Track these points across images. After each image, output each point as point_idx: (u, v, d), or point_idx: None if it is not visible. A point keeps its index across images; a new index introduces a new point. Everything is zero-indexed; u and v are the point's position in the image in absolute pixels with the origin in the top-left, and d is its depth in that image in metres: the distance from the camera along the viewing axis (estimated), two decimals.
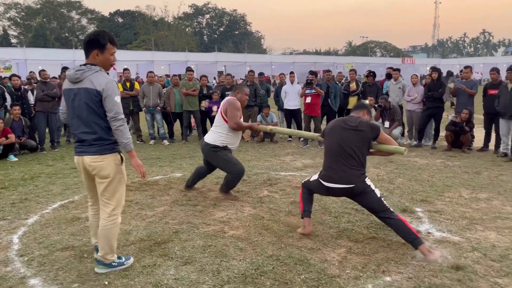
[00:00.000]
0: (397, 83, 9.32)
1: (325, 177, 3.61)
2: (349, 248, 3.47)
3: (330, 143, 3.65)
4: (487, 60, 52.00)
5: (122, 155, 3.02)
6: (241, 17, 74.67)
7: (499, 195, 4.97)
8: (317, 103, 8.71)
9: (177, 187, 5.48)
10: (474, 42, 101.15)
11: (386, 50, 75.31)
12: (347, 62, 45.95)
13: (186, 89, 9.12)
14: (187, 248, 3.49)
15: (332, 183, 3.55)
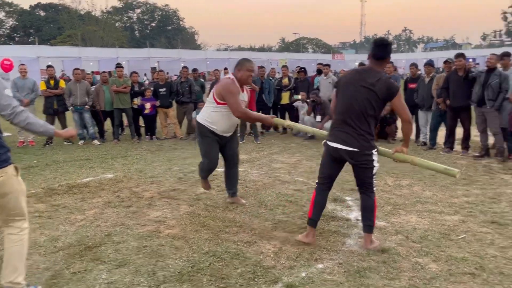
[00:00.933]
0: (327, 78, 9.68)
1: (332, 137, 3.34)
2: (284, 239, 3.57)
3: (343, 99, 3.30)
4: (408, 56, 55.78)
5: (16, 165, 2.67)
6: (174, 12, 73.21)
7: (419, 181, 5.38)
8: (252, 98, 8.80)
9: (109, 188, 5.27)
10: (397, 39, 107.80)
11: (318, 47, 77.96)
12: (281, 58, 46.95)
13: (117, 86, 8.78)
14: (120, 251, 3.39)
15: (338, 144, 3.26)
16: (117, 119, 8.99)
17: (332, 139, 3.33)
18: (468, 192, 4.86)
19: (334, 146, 3.30)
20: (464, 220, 3.96)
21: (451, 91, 6.92)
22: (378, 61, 3.30)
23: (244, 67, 4.10)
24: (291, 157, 7.07)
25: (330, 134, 3.39)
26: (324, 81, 9.68)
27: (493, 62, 6.54)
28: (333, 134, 3.34)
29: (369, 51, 3.37)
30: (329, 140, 3.36)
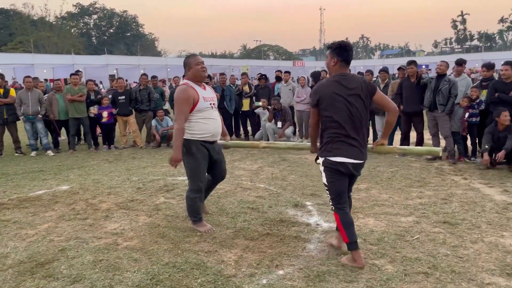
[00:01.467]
0: (288, 85, 9.82)
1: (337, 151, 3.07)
2: (245, 247, 3.56)
3: (337, 111, 3.06)
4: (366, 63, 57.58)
5: None
6: (133, 19, 71.95)
7: (376, 185, 5.53)
8: None
9: (63, 201, 5.07)
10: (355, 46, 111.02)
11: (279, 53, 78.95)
12: (243, 65, 47.16)
13: (72, 95, 8.49)
14: (75, 266, 3.25)
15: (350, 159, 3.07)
16: (72, 129, 8.68)
17: (339, 153, 3.07)
18: (421, 194, 5.05)
19: (345, 161, 3.07)
20: (418, 221, 4.11)
21: (404, 96, 7.20)
22: (348, 65, 3.19)
23: (192, 63, 3.76)
24: (253, 164, 7.09)
25: (332, 150, 3.09)
26: (284, 88, 9.81)
27: (443, 69, 6.87)
28: (338, 148, 3.07)
29: (334, 56, 3.15)
30: (336, 155, 3.08)
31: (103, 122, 8.93)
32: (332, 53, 3.17)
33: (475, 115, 6.76)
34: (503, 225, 3.97)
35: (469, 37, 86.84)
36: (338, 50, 3.15)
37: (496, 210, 4.40)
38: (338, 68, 3.17)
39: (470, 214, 4.27)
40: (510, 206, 4.50)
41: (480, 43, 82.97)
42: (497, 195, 4.94)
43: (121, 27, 70.09)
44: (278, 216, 4.32)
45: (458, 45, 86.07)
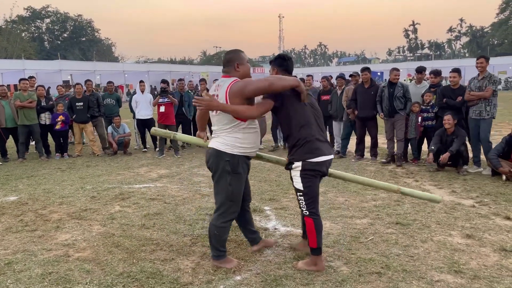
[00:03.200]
0: None
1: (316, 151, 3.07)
2: (203, 254, 3.52)
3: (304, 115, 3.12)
4: (324, 70, 58.82)
5: None
6: (88, 23, 69.82)
7: (333, 188, 5.65)
8: (171, 112, 8.66)
9: (11, 212, 4.81)
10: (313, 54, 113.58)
11: None
12: (202, 71, 46.92)
13: (21, 101, 8.10)
14: (22, 280, 3.09)
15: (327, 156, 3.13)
16: (22, 137, 8.27)
17: (320, 153, 3.08)
18: (376, 197, 5.21)
19: (327, 159, 3.13)
20: (372, 223, 4.23)
21: (358, 102, 7.43)
22: (290, 73, 3.29)
23: (244, 60, 3.20)
24: None
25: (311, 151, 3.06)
26: None
27: (397, 78, 7.16)
28: (317, 148, 3.08)
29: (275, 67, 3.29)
30: (317, 155, 3.06)
31: (57, 129, 8.58)
32: (273, 65, 3.33)
33: (430, 119, 7.07)
34: (451, 224, 4.16)
35: (420, 45, 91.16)
36: (277, 61, 3.31)
37: (445, 210, 4.61)
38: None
39: (420, 215, 4.45)
40: (457, 206, 4.73)
41: (430, 52, 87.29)
42: (445, 196, 5.18)
43: (75, 32, 67.84)
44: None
45: (410, 53, 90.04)
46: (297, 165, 3.10)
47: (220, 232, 3.22)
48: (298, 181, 3.12)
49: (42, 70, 34.75)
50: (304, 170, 3.08)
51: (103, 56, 59.46)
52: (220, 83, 3.15)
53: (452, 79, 6.75)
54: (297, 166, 3.10)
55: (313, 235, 3.11)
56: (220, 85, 3.13)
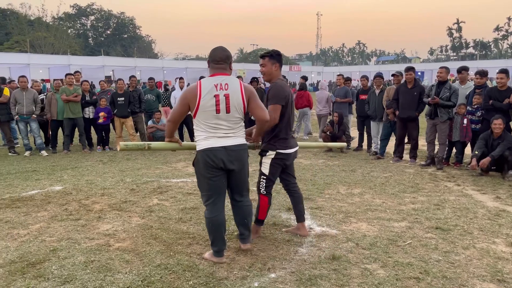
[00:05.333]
0: None
1: (288, 144, 3.64)
2: (238, 250, 3.55)
3: (288, 112, 3.65)
4: (362, 69, 57.81)
5: None
6: (130, 20, 71.89)
7: (370, 190, 5.55)
8: None
9: (56, 201, 5.04)
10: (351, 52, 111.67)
11: None
12: (239, 69, 47.18)
13: (67, 95, 8.46)
14: (66, 266, 3.23)
15: (293, 148, 3.70)
16: (67, 129, 8.64)
17: (288, 146, 3.65)
18: (415, 199, 5.07)
19: (294, 151, 3.71)
20: (411, 227, 4.12)
21: (400, 102, 7.23)
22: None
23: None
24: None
25: (281, 143, 3.62)
26: None
27: (443, 76, 6.86)
28: (288, 142, 3.65)
29: (275, 62, 3.67)
30: (286, 147, 3.63)
31: (99, 123, 8.91)
32: (272, 59, 3.66)
33: (475, 122, 6.80)
34: (494, 231, 4.00)
35: (465, 45, 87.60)
36: (278, 57, 3.70)
37: (488, 216, 4.43)
38: (279, 73, 3.72)
39: (462, 220, 4.29)
40: (502, 213, 4.53)
41: (475, 51, 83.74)
42: (489, 202, 4.98)
43: (118, 29, 70.01)
44: (271, 220, 4.32)
45: (453, 53, 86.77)
46: (271, 154, 3.64)
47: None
48: (267, 167, 3.67)
49: (86, 66, 36.16)
50: (276, 158, 3.63)
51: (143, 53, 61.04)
52: (227, 81, 3.14)
53: (499, 80, 6.46)
54: (270, 154, 3.63)
55: (264, 210, 3.74)
56: (227, 83, 3.13)
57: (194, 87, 3.12)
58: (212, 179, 3.21)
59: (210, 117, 3.12)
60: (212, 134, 3.15)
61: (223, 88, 3.11)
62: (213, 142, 3.14)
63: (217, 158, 3.15)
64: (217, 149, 3.14)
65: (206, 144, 3.15)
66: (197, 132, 3.22)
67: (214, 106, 3.08)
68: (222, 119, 3.14)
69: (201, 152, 3.17)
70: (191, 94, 3.10)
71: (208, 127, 3.15)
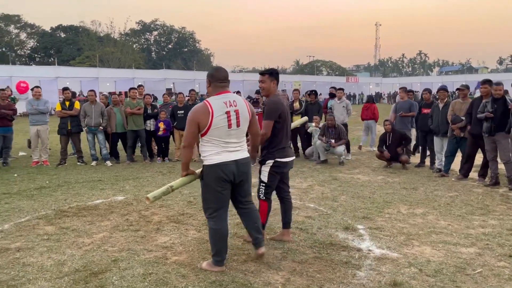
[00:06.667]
0: (341, 102, 9.67)
1: (285, 154, 3.97)
2: (293, 270, 3.47)
3: (285, 125, 3.96)
4: (423, 80, 55.52)
5: None
6: (190, 35, 74.65)
7: (434, 210, 5.23)
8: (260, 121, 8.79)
9: (118, 211, 5.25)
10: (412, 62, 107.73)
11: (332, 69, 78.25)
12: (295, 81, 47.22)
13: (131, 108, 8.88)
14: (126, 278, 3.33)
15: (290, 157, 4.03)
16: (130, 141, 9.06)
17: (286, 155, 3.98)
18: (484, 223, 4.70)
19: (291, 160, 4.05)
20: (481, 253, 3.81)
21: (474, 117, 6.73)
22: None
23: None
24: (303, 182, 6.99)
25: (279, 153, 3.93)
26: (337, 105, 9.66)
27: (501, 93, 6.35)
28: (285, 151, 3.99)
29: (273, 79, 3.99)
30: (284, 156, 3.96)
31: (159, 135, 9.24)
32: (271, 77, 4.00)
33: None
34: None
35: None
36: (276, 75, 4.05)
37: None
38: (276, 89, 4.06)
39: None
40: None
41: None
42: None
43: (179, 43, 72.92)
44: (328, 239, 4.19)
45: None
46: (269, 162, 3.94)
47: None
48: (266, 175, 3.97)
49: (149, 79, 37.94)
50: (274, 166, 3.93)
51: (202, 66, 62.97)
52: (234, 99, 3.39)
53: None
54: (269, 163, 3.94)
55: (264, 215, 4.01)
56: (234, 100, 3.38)
57: (204, 107, 3.27)
58: (222, 192, 3.39)
59: (222, 132, 3.30)
60: (223, 148, 3.34)
61: (233, 105, 3.34)
62: (225, 156, 3.33)
63: (230, 171, 3.34)
64: (229, 163, 3.34)
65: (219, 158, 3.32)
66: (205, 147, 3.37)
67: (226, 122, 3.28)
68: (233, 133, 3.36)
69: (214, 166, 3.32)
70: (203, 115, 3.24)
71: (220, 142, 3.33)
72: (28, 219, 4.95)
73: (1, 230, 4.58)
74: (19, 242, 4.15)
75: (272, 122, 3.89)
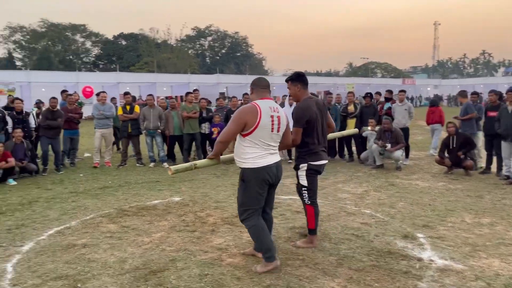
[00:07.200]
0: (403, 105, 9.22)
1: (318, 157, 3.99)
2: (349, 277, 3.38)
3: (315, 129, 3.95)
4: (487, 81, 52.25)
5: None
6: (243, 39, 75.65)
7: (502, 220, 4.88)
8: None
9: (175, 212, 5.41)
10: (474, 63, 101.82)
11: (387, 71, 75.93)
12: (348, 83, 46.27)
13: (187, 112, 9.14)
14: (183, 277, 3.41)
15: (323, 160, 4.04)
16: (186, 144, 9.32)
17: (319, 158, 3.99)
18: None
19: (324, 163, 4.05)
20: None
21: None
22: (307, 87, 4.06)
23: None
24: (358, 187, 6.81)
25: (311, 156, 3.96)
26: (399, 108, 9.22)
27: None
28: (319, 155, 4.00)
29: (297, 84, 4.00)
30: (316, 160, 3.98)
31: (214, 138, 9.42)
32: (293, 82, 4.02)
33: None
34: None
35: None
36: (299, 77, 4.02)
37: None
38: (303, 92, 4.03)
39: None
40: None
41: None
42: None
43: (232, 48, 74.13)
44: (386, 247, 4.04)
45: None
46: (303, 167, 3.98)
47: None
48: (304, 179, 4.01)
49: (203, 83, 38.88)
50: (309, 170, 3.97)
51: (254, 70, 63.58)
52: (275, 106, 3.55)
53: None
54: (303, 167, 3.98)
55: (312, 219, 4.03)
56: (276, 107, 3.54)
57: (253, 108, 3.39)
58: (263, 194, 3.52)
59: (266, 135, 3.43)
60: (266, 151, 3.46)
61: (276, 111, 3.49)
62: (269, 159, 3.47)
63: (273, 174, 3.50)
64: (272, 166, 3.48)
65: (265, 161, 3.44)
66: (248, 149, 3.44)
67: (270, 125, 3.42)
68: (273, 137, 3.50)
69: (260, 169, 3.42)
70: (251, 114, 3.35)
71: (264, 144, 3.44)
72: (93, 217, 5.23)
73: (69, 226, 4.87)
74: (85, 239, 4.39)
75: (301, 129, 3.91)
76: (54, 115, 8.58)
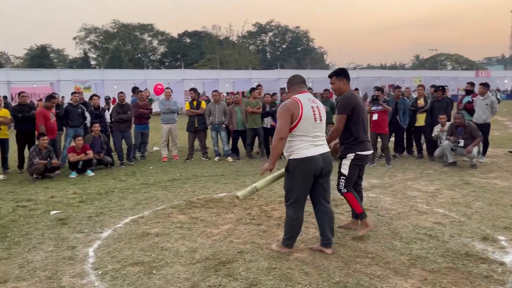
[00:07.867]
0: (485, 99, 8.51)
1: (365, 147, 4.11)
2: (424, 279, 3.23)
3: (360, 118, 4.08)
4: None
5: None
6: (304, 34, 74.93)
7: None
8: (385, 120, 8.38)
9: (241, 205, 5.50)
10: None
11: (458, 63, 71.48)
12: (414, 76, 44.07)
13: (251, 107, 9.24)
14: (251, 269, 3.46)
15: (369, 150, 4.16)
16: (249, 138, 9.43)
17: (365, 148, 4.12)
18: None
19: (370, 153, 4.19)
20: None
21: None
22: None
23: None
24: (429, 185, 6.48)
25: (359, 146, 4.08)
26: (480, 102, 8.56)
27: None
28: (365, 144, 4.12)
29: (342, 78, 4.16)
30: (364, 149, 4.10)
31: None
32: (338, 77, 4.18)
33: None
34: None
35: None
36: (343, 73, 4.19)
37: None
38: (348, 86, 4.20)
39: None
40: None
41: None
42: None
43: (293, 43, 73.75)
44: (463, 249, 3.81)
45: None
46: (350, 156, 4.08)
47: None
48: (346, 168, 4.11)
49: (264, 79, 39.09)
50: (354, 159, 4.08)
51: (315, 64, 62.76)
52: (312, 98, 3.73)
53: None
54: (350, 156, 4.08)
55: (355, 203, 4.10)
56: (314, 99, 3.72)
57: (294, 101, 3.58)
58: (307, 185, 3.64)
59: (310, 125, 3.57)
60: (311, 143, 3.58)
61: (314, 102, 3.67)
62: (313, 150, 3.57)
63: (318, 165, 3.58)
64: (316, 157, 3.57)
65: (308, 152, 3.56)
66: (293, 142, 3.59)
67: (312, 115, 3.58)
68: (318, 127, 3.63)
69: (303, 160, 3.54)
70: (294, 107, 3.52)
71: (308, 136, 3.57)
72: (164, 208, 5.47)
73: (142, 216, 5.14)
74: (157, 228, 4.61)
75: (345, 116, 4.05)
76: (124, 108, 9.09)
